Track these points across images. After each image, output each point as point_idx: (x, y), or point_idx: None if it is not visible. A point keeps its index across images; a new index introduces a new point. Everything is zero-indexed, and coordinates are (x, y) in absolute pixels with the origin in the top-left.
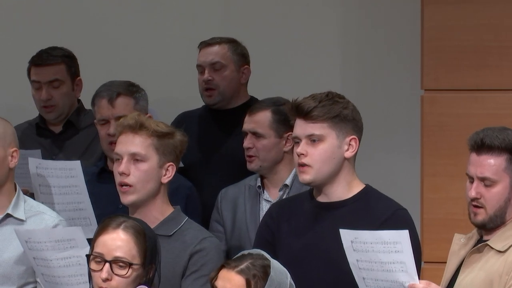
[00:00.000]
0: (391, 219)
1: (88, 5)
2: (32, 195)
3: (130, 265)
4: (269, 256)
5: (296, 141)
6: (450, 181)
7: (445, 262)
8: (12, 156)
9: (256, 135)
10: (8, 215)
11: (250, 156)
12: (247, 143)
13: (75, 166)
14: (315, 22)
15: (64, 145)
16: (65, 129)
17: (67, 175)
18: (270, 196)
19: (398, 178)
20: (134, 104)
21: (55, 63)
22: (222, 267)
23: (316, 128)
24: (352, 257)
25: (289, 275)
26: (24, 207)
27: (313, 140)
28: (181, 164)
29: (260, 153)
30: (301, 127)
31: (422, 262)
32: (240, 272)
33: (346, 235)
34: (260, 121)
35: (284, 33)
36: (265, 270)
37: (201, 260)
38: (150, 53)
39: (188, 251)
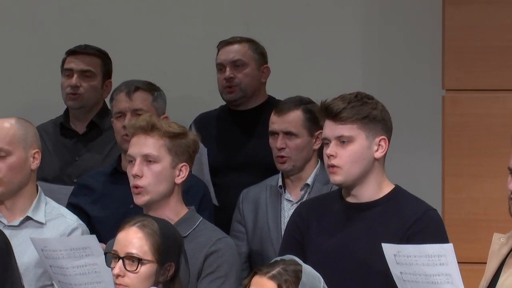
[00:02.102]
0: (421, 219)
1: (107, 6)
2: None
3: (139, 260)
4: (302, 261)
5: (326, 142)
6: (472, 181)
7: (467, 262)
8: (33, 157)
9: (289, 134)
10: (28, 218)
11: (282, 157)
12: (280, 143)
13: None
14: (336, 22)
15: (88, 146)
16: (89, 129)
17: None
18: (292, 196)
19: (420, 178)
20: (152, 101)
21: (91, 54)
22: (254, 273)
23: (345, 129)
24: (395, 269)
25: (322, 280)
26: (45, 209)
27: (343, 141)
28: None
29: (292, 153)
30: (330, 128)
31: None
32: (272, 278)
33: (389, 249)
34: (293, 120)
35: (305, 33)
36: (297, 275)
37: (216, 261)
38: (168, 53)
39: (203, 252)
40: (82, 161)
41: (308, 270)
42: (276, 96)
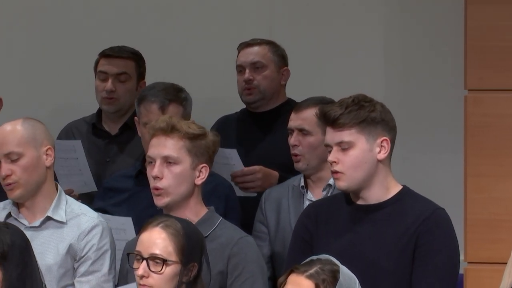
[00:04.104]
0: (429, 219)
1: (129, 7)
2: (77, 198)
3: (164, 261)
4: (338, 262)
5: (329, 149)
6: (494, 182)
7: (489, 263)
8: (46, 154)
9: (303, 132)
10: (49, 218)
11: (296, 155)
12: (293, 140)
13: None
14: (358, 22)
15: (120, 148)
16: (122, 131)
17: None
18: (314, 196)
19: (442, 178)
20: (183, 111)
21: (125, 57)
22: (291, 271)
23: (344, 135)
24: None
25: (357, 281)
26: (66, 208)
27: (344, 147)
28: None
29: (305, 151)
30: (330, 135)
31: (466, 263)
32: (310, 277)
33: None
34: (307, 118)
35: (327, 34)
36: (334, 275)
37: (241, 263)
38: (192, 53)
39: (227, 253)
40: (113, 162)
41: (345, 271)
42: (297, 98)
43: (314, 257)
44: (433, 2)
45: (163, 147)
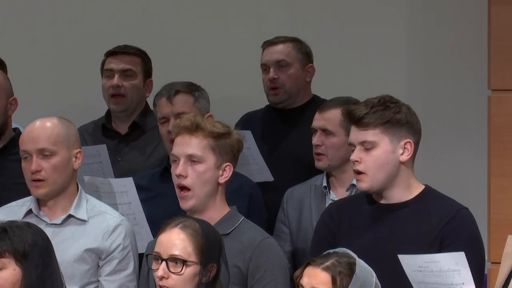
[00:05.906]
0: (454, 219)
1: (151, 5)
2: None
3: (184, 262)
4: (355, 255)
5: (352, 148)
6: None
7: None
8: (76, 157)
9: (326, 132)
10: (70, 216)
11: (319, 154)
12: (316, 140)
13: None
14: (381, 22)
15: (130, 147)
16: (131, 130)
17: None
18: (337, 196)
19: (465, 178)
20: (194, 102)
21: (131, 54)
22: (307, 264)
23: (368, 135)
24: (412, 276)
25: (374, 274)
26: (87, 206)
27: (367, 146)
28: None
29: (328, 151)
30: (354, 134)
31: (489, 263)
32: (326, 269)
33: (405, 259)
34: (331, 118)
35: (350, 33)
36: (351, 268)
37: (263, 265)
38: (215, 52)
39: (248, 253)
40: (124, 161)
41: (362, 264)
42: (321, 95)
43: (331, 250)
44: (457, 2)
45: (187, 146)
